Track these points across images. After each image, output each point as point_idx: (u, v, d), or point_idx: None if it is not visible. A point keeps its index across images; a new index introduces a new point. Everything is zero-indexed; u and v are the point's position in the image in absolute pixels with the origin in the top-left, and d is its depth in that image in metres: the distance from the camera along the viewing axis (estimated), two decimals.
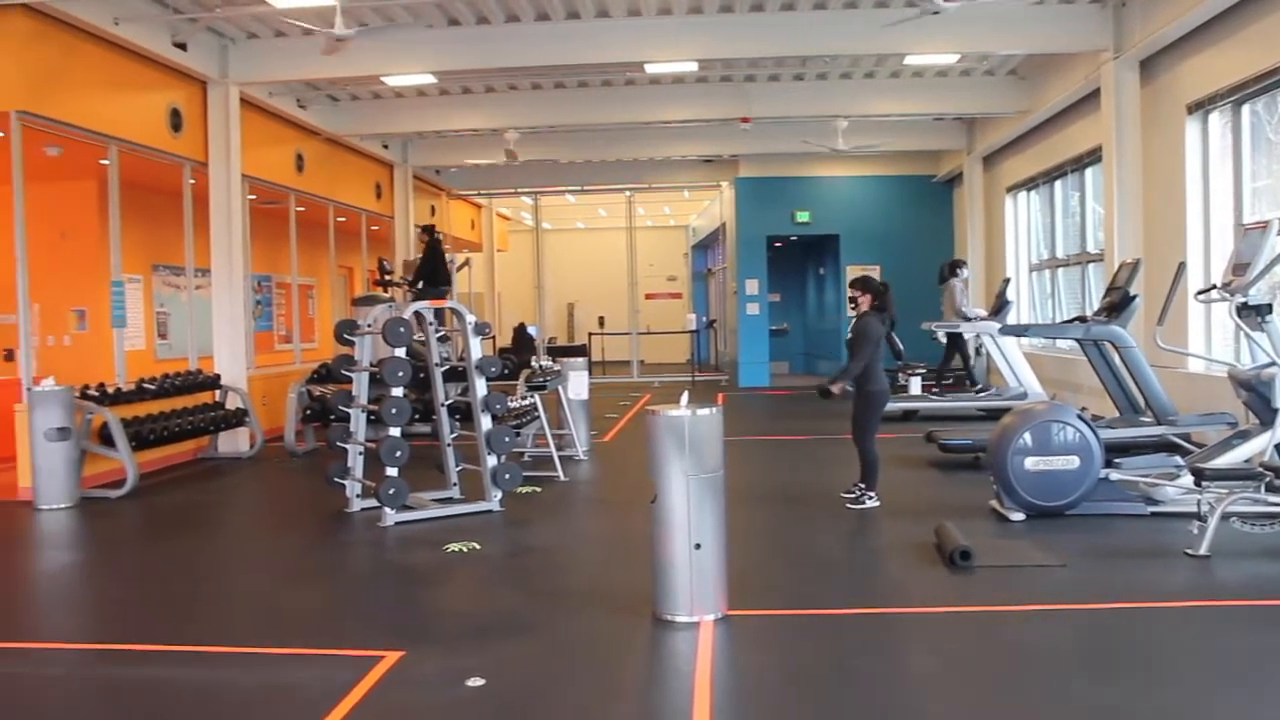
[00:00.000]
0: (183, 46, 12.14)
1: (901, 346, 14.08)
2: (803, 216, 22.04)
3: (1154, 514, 8.11)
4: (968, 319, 14.73)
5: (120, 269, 11.94)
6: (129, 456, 10.44)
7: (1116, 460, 8.43)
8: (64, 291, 13.75)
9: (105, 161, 11.77)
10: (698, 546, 5.69)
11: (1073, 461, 8.10)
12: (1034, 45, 13.37)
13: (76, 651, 5.78)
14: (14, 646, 5.85)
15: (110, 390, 11.06)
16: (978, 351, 15.89)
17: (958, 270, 15.42)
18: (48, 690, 5.29)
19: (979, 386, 15.53)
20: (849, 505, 8.90)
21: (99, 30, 10.82)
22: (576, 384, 12.31)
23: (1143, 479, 8.26)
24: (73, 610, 6.94)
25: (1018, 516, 8.16)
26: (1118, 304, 10.03)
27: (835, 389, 8.79)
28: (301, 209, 16.41)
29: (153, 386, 11.69)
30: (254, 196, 14.73)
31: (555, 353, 20.49)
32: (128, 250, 12.31)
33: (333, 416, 10.49)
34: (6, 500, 10.21)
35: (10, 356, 13.34)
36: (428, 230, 15.15)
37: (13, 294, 10.58)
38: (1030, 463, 8.10)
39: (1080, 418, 8.24)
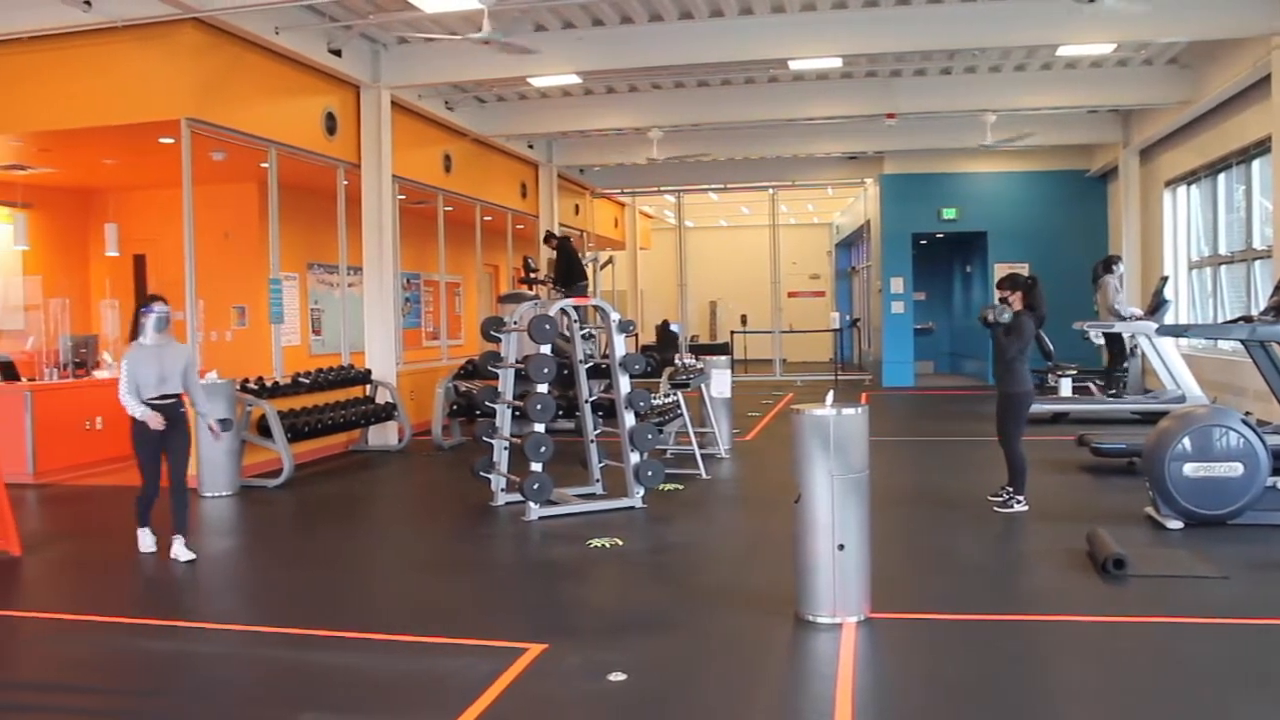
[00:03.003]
0: (337, 53, 12.54)
1: (1051, 346, 13.70)
2: (949, 213, 21.64)
3: None
4: (1122, 317, 14.22)
5: (278, 267, 12.41)
6: (285, 448, 10.84)
7: None
8: (226, 289, 14.36)
9: (265, 164, 12.24)
10: (841, 547, 5.63)
11: (1236, 468, 7.75)
12: (1197, 31, 12.77)
13: (237, 632, 6.04)
14: (180, 625, 6.13)
15: (268, 384, 11.49)
16: (1132, 352, 15.33)
17: (1112, 267, 14.87)
18: (210, 668, 5.55)
19: (1114, 390, 14.94)
20: (996, 509, 8.70)
21: (260, 40, 11.26)
22: (719, 382, 12.29)
23: None
24: (233, 593, 7.24)
25: (1175, 525, 7.85)
26: None
27: (992, 316, 8.60)
28: (449, 208, 16.79)
29: (307, 381, 12.09)
30: (404, 196, 15.13)
31: (698, 350, 20.54)
32: (284, 249, 12.79)
33: (478, 412, 10.70)
34: None
35: None
36: (550, 237, 15.40)
37: (181, 291, 11.11)
38: (1190, 469, 7.77)
39: (1245, 422, 7.87)
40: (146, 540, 7.86)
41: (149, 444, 7.63)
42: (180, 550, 7.66)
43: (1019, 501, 8.63)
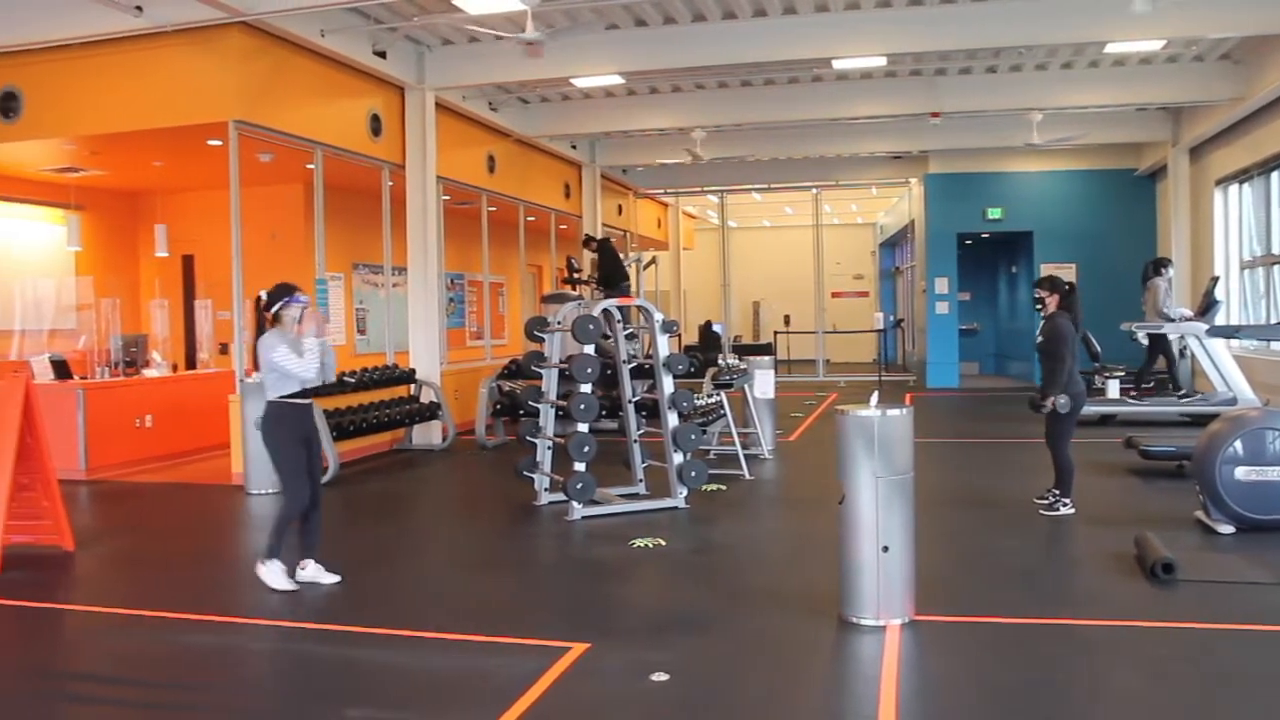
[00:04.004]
0: (382, 55, 12.63)
1: (1099, 348, 13.53)
2: (995, 213, 21.46)
3: None
4: (1170, 319, 14.04)
5: (324, 267, 12.52)
6: (331, 446, 10.93)
7: None
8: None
9: (311, 165, 12.35)
10: (885, 549, 5.60)
11: None
12: (1250, 26, 12.49)
13: (280, 628, 6.08)
14: (225, 620, 6.20)
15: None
16: (1182, 354, 15.12)
17: (1162, 269, 14.68)
18: (254, 663, 5.63)
19: (1183, 391, 14.76)
20: (1042, 511, 8.61)
21: (307, 42, 11.37)
22: (762, 382, 12.27)
23: None
24: (280, 590, 7.29)
25: (1226, 529, 7.73)
26: None
27: (1049, 403, 8.38)
28: (493, 209, 16.87)
29: (352, 380, 12.18)
30: (448, 197, 15.20)
31: (741, 351, 20.50)
32: (330, 250, 12.91)
33: (522, 411, 10.73)
34: (220, 484, 10.87)
35: (225, 350, 14.18)
36: (589, 240, 15.45)
37: (229, 292, 11.26)
38: (1241, 472, 7.65)
39: None
40: (279, 578, 6.70)
41: (295, 446, 6.84)
42: (318, 573, 6.86)
43: (1065, 504, 8.54)
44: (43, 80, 11.11)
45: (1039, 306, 8.75)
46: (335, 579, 6.88)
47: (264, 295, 6.90)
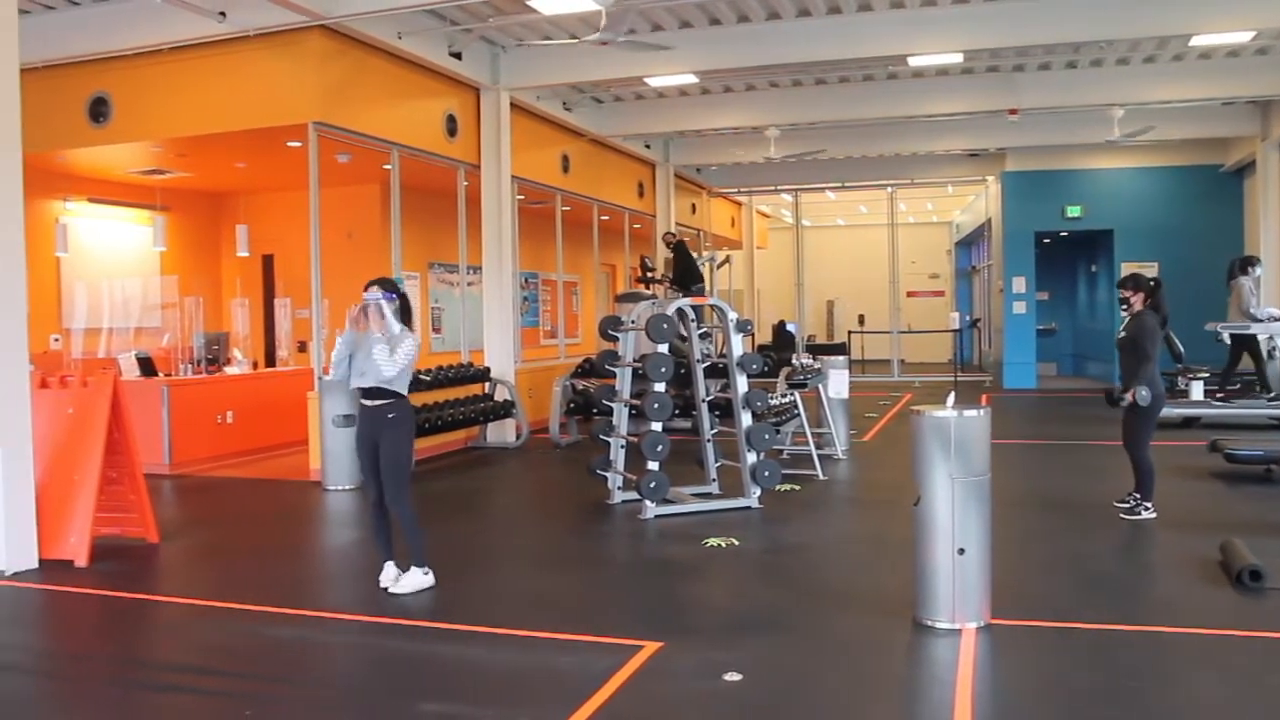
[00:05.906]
0: (458, 56, 12.75)
1: (1181, 348, 13.22)
2: (1074, 211, 21.08)
3: None
4: (1256, 319, 13.66)
5: (400, 267, 12.67)
6: None
7: None
8: (349, 288, 14.64)
9: (387, 166, 12.52)
10: (961, 551, 5.54)
11: None
12: None
13: (357, 622, 6.16)
14: (304, 614, 6.32)
15: None
16: (1270, 355, 14.71)
17: (1249, 268, 14.27)
18: (333, 656, 5.72)
19: (1271, 394, 14.37)
20: (1123, 515, 8.45)
21: (384, 45, 11.53)
22: (837, 382, 12.19)
23: None
24: (355, 584, 7.38)
25: None
26: None
27: (1130, 396, 8.14)
28: (567, 208, 16.97)
29: (428, 378, 12.31)
30: (522, 197, 15.32)
31: (815, 350, 20.39)
32: (406, 249, 13.07)
33: (595, 410, 10.77)
34: (299, 480, 11.05)
35: (303, 348, 14.42)
36: (669, 235, 15.48)
37: (308, 291, 11.45)
38: None
39: None
40: (426, 578, 6.71)
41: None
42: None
43: (1146, 508, 8.37)
44: (131, 85, 11.41)
45: (1125, 307, 8.56)
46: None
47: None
